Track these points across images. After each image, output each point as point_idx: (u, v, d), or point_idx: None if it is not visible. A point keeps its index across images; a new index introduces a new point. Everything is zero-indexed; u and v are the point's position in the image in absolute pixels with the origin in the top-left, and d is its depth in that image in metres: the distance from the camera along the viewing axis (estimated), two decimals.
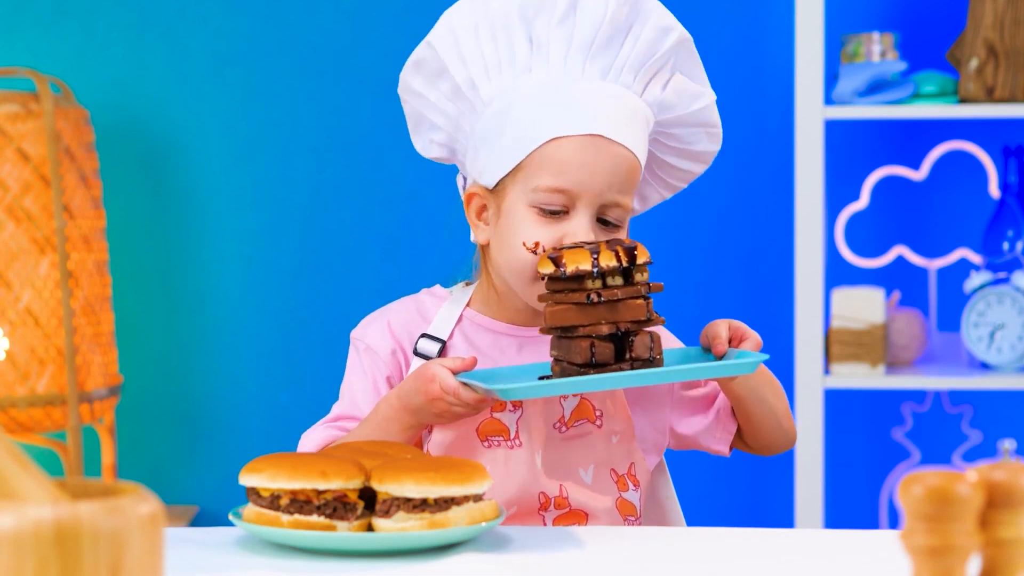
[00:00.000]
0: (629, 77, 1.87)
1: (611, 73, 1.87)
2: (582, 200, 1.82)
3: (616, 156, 1.83)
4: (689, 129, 1.94)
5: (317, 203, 3.38)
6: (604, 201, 1.83)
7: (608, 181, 1.83)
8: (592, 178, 1.82)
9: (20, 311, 3.00)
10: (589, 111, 1.84)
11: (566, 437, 1.86)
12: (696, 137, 1.95)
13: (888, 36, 3.15)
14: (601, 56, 1.86)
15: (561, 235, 1.82)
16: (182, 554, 1.58)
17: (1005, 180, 3.21)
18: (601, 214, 1.84)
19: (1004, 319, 3.12)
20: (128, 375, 3.37)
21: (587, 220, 1.82)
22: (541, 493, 1.84)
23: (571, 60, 1.86)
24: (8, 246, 3.00)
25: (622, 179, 1.84)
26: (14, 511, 0.99)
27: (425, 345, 1.90)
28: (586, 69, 1.86)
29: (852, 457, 3.37)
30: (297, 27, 3.39)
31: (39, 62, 3.34)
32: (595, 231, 1.83)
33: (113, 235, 3.34)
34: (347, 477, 1.58)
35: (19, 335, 3.00)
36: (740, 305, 3.37)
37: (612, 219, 1.85)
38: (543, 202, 1.83)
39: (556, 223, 1.83)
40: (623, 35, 1.87)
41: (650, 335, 1.72)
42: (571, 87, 1.85)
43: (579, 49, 1.86)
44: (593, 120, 1.83)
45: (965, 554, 1.07)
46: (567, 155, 1.83)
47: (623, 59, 1.87)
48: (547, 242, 1.82)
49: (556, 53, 1.86)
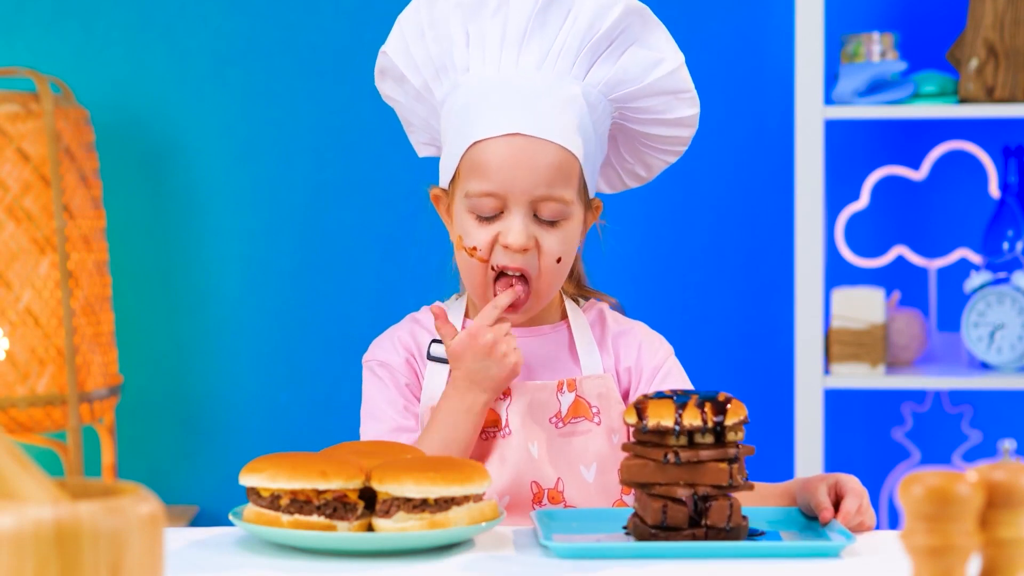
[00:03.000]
0: (567, 63, 1.85)
1: (547, 61, 1.85)
2: (511, 201, 1.84)
3: (539, 153, 1.83)
4: (656, 99, 1.90)
5: (317, 203, 3.38)
6: (535, 198, 1.83)
7: (533, 180, 1.83)
8: (516, 179, 1.83)
9: (20, 311, 3.00)
10: (508, 110, 1.83)
11: (564, 433, 1.86)
12: (667, 105, 1.91)
13: (888, 36, 3.15)
14: (535, 45, 1.85)
15: (495, 235, 1.84)
16: (182, 554, 1.58)
17: (1005, 180, 3.21)
18: (536, 211, 1.84)
19: (1004, 319, 3.12)
20: (128, 375, 3.37)
21: (520, 220, 1.83)
22: (534, 482, 1.84)
23: (505, 53, 1.86)
24: (8, 246, 3.00)
25: (550, 175, 1.83)
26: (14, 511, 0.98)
27: (438, 349, 1.91)
28: (520, 61, 1.85)
29: (852, 457, 3.37)
30: (297, 27, 3.39)
31: (39, 62, 3.34)
32: (530, 229, 1.84)
33: (113, 235, 3.34)
34: (347, 477, 1.58)
35: (19, 335, 3.00)
36: (740, 305, 3.37)
37: (548, 215, 1.84)
38: (475, 206, 1.85)
39: (491, 224, 1.85)
40: (560, 20, 1.85)
41: (730, 502, 1.61)
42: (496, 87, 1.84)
43: (512, 42, 1.85)
44: (512, 119, 1.83)
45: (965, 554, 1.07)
46: (488, 158, 1.84)
47: (559, 45, 1.85)
48: (483, 244, 1.84)
49: (491, 48, 1.86)
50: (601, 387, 1.88)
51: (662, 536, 1.60)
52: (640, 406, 1.61)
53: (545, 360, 1.92)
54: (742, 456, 1.62)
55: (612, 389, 1.89)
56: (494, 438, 1.86)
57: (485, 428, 1.86)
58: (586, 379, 1.89)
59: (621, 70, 1.87)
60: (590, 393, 1.88)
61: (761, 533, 1.66)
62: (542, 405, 1.86)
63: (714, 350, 3.36)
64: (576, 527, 1.70)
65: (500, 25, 1.85)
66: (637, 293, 3.36)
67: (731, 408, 1.61)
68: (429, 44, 1.89)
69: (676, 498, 1.60)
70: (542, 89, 1.84)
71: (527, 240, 1.83)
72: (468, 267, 1.87)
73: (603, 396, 1.88)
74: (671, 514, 1.60)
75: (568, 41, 1.85)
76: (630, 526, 1.65)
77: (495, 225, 1.85)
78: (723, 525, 1.60)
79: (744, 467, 1.62)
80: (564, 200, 1.84)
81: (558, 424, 1.87)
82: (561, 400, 1.87)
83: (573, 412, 1.87)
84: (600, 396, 1.88)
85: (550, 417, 1.87)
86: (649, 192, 3.36)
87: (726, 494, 1.61)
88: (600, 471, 1.86)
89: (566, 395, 1.87)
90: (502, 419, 1.86)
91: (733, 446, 1.61)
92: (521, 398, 1.86)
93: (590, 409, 1.88)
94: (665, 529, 1.61)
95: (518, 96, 1.84)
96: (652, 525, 1.61)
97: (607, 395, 1.88)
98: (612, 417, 1.88)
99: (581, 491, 1.85)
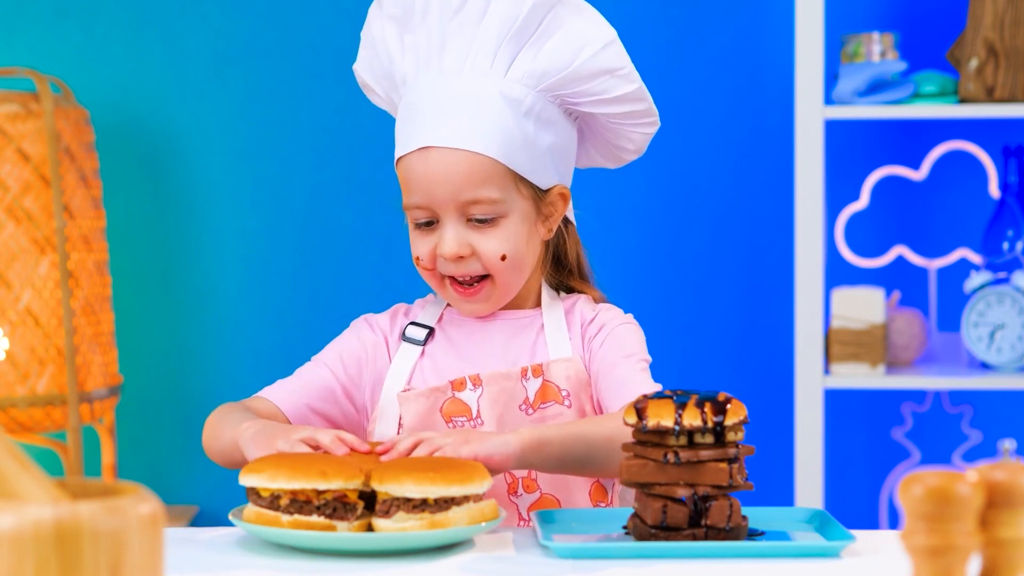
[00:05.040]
0: (486, 62, 1.86)
1: (467, 63, 1.87)
2: (439, 210, 1.88)
3: (451, 162, 1.85)
4: (591, 81, 1.88)
5: (317, 203, 3.38)
6: (460, 203, 1.86)
7: (452, 188, 1.86)
8: (435, 190, 1.86)
9: (20, 311, 3.00)
10: (421, 125, 1.87)
11: (534, 419, 1.87)
12: (605, 85, 1.89)
13: (888, 36, 3.15)
14: (455, 48, 1.87)
15: (434, 245, 1.89)
16: (182, 554, 1.58)
17: (1005, 180, 3.21)
18: (468, 215, 1.87)
19: (1004, 319, 3.12)
20: (128, 375, 3.37)
21: (451, 230, 1.87)
22: (508, 473, 1.84)
23: (432, 60, 1.88)
24: (8, 246, 3.00)
25: (466, 179, 1.85)
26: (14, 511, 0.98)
27: (413, 331, 1.95)
28: (444, 66, 1.88)
29: (852, 457, 3.37)
30: (297, 27, 3.39)
31: (39, 62, 3.34)
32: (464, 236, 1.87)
33: (113, 235, 3.34)
34: (347, 477, 1.58)
35: (19, 335, 3.00)
36: (740, 305, 3.37)
37: (481, 216, 1.87)
38: (413, 218, 1.91)
39: (431, 233, 1.90)
40: (476, 19, 1.86)
41: (730, 502, 1.61)
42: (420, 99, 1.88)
43: (435, 48, 1.88)
44: (422, 133, 1.87)
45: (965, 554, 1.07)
46: (410, 173, 1.89)
47: (478, 45, 1.86)
48: (425, 254, 1.90)
49: (421, 56, 1.89)
50: (569, 370, 1.88)
51: (662, 536, 1.60)
52: (640, 406, 1.61)
53: (517, 344, 1.93)
54: (742, 456, 1.62)
55: (581, 371, 1.89)
56: (463, 427, 1.86)
57: (454, 417, 1.87)
58: (554, 363, 1.89)
59: (545, 59, 1.86)
60: (558, 376, 1.88)
61: (761, 533, 1.66)
62: (510, 393, 1.87)
63: (714, 350, 3.36)
64: (576, 527, 1.70)
65: (425, 33, 1.88)
66: (637, 293, 3.36)
67: (731, 408, 1.60)
68: (381, 59, 1.94)
69: (676, 498, 1.60)
70: (458, 95, 1.86)
71: (459, 248, 1.87)
72: (422, 275, 1.95)
73: (572, 379, 1.88)
74: (671, 514, 1.60)
75: (485, 39, 1.86)
76: (630, 526, 1.65)
77: (434, 235, 1.90)
78: (723, 525, 1.60)
79: (744, 467, 1.62)
80: (491, 200, 1.86)
81: (528, 411, 1.87)
82: (527, 386, 1.87)
83: (542, 397, 1.88)
84: (569, 379, 1.88)
85: (519, 404, 1.87)
86: (649, 192, 3.37)
87: (726, 494, 1.61)
88: None
89: (531, 381, 1.88)
90: (473, 410, 1.87)
91: (733, 446, 1.61)
92: (490, 387, 1.87)
93: (560, 392, 1.88)
94: (665, 529, 1.60)
95: (434, 107, 1.87)
96: (652, 525, 1.61)
97: (576, 377, 1.88)
98: (583, 399, 1.88)
99: (556, 477, 1.85)
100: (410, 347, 1.94)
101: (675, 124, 3.33)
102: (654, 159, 3.36)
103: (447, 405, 1.87)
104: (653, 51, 3.35)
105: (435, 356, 1.93)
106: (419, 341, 1.94)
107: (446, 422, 1.86)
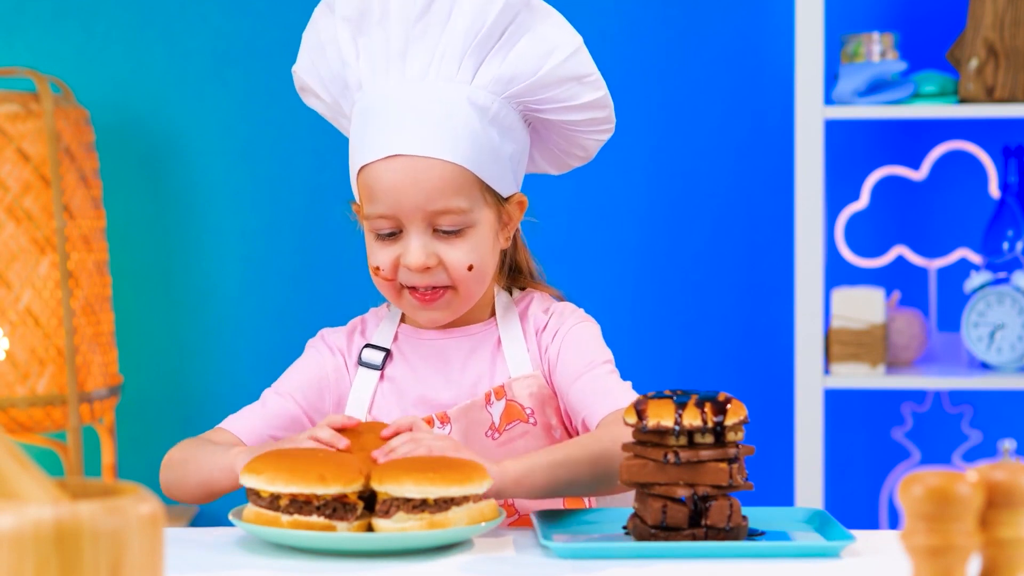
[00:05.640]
0: (451, 68, 1.82)
1: (431, 69, 1.82)
2: (405, 220, 1.82)
3: (421, 170, 1.80)
4: (558, 88, 1.84)
5: (317, 203, 3.38)
6: (428, 213, 1.81)
7: (421, 198, 1.80)
8: (403, 199, 1.81)
9: (20, 311, 3.00)
10: (389, 132, 1.81)
11: (502, 443, 1.84)
12: (572, 92, 1.85)
13: (888, 36, 3.15)
14: (418, 54, 1.82)
15: (397, 256, 1.84)
16: (182, 554, 1.58)
17: (1005, 180, 3.21)
18: (435, 225, 1.82)
19: (1004, 319, 3.12)
20: (128, 375, 3.37)
21: (417, 240, 1.82)
22: None
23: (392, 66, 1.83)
24: (8, 246, 3.00)
25: (437, 190, 1.80)
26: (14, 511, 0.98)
27: (370, 354, 1.92)
28: (406, 72, 1.82)
29: (852, 457, 3.37)
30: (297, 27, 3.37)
31: (39, 62, 3.34)
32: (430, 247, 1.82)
33: (113, 235, 3.34)
34: (346, 482, 1.58)
35: (19, 335, 3.00)
36: (740, 305, 3.37)
37: (447, 227, 1.82)
38: (375, 228, 1.85)
39: (393, 244, 1.85)
40: (440, 24, 1.82)
41: (730, 502, 1.60)
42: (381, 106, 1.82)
43: (396, 53, 1.82)
44: (392, 141, 1.81)
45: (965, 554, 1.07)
46: (374, 182, 1.83)
47: (442, 50, 1.81)
48: (386, 265, 1.84)
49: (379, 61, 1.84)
50: (532, 386, 1.86)
51: (662, 536, 1.60)
52: (640, 406, 1.61)
53: (475, 361, 1.90)
54: (742, 456, 1.61)
55: (543, 386, 1.86)
56: None
57: None
58: (515, 381, 1.86)
59: (512, 65, 1.82)
60: (520, 395, 1.85)
61: (761, 533, 1.66)
62: (476, 423, 1.84)
63: (714, 350, 3.36)
64: (576, 527, 1.70)
65: (383, 37, 1.83)
66: (637, 293, 3.36)
67: (731, 408, 1.60)
68: (330, 61, 1.89)
69: (676, 498, 1.60)
70: (425, 102, 1.81)
71: (426, 259, 1.82)
72: (378, 285, 1.88)
73: (535, 395, 1.86)
74: (671, 514, 1.59)
75: (450, 45, 1.81)
76: (630, 526, 1.65)
77: (397, 245, 1.84)
78: (723, 525, 1.60)
79: (744, 467, 1.62)
80: (460, 210, 1.81)
81: (494, 435, 1.85)
82: (492, 411, 1.85)
83: (507, 418, 1.85)
84: (532, 396, 1.86)
85: (485, 431, 1.84)
86: (649, 192, 3.37)
87: (726, 494, 1.61)
88: None
89: (495, 405, 1.85)
90: None
91: (733, 446, 1.61)
92: (458, 423, 1.84)
93: (524, 411, 1.85)
94: (665, 529, 1.60)
95: (399, 114, 1.81)
96: (652, 525, 1.60)
97: (539, 393, 1.86)
98: (548, 414, 1.86)
99: None
100: (368, 372, 1.91)
101: (675, 124, 3.33)
102: (654, 159, 3.36)
103: None
104: (653, 51, 3.35)
105: (395, 379, 1.90)
106: (376, 365, 1.90)
107: None
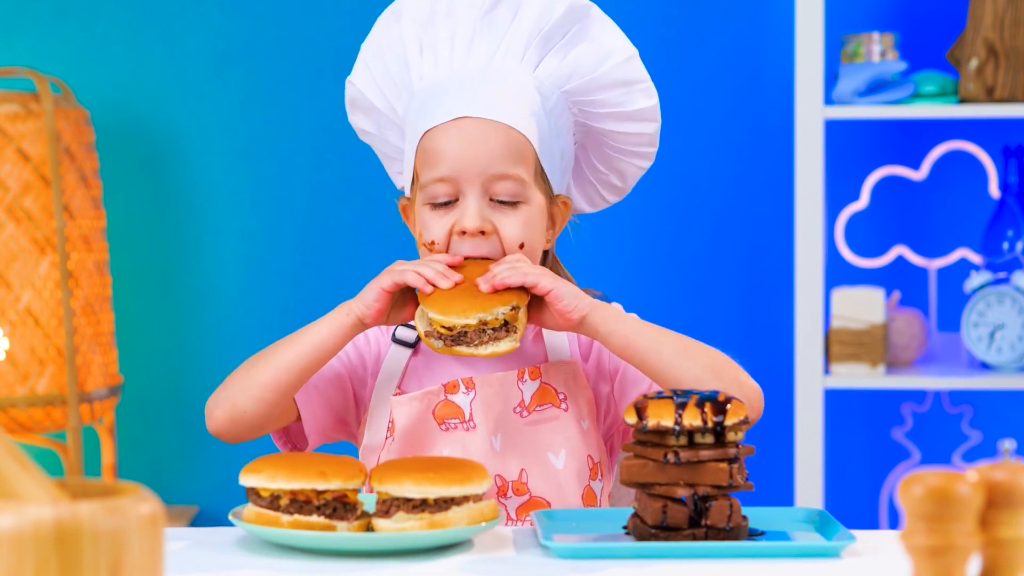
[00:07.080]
0: (516, 57, 1.87)
1: (498, 52, 1.87)
2: (465, 183, 1.84)
3: (488, 132, 1.84)
4: (611, 91, 1.91)
5: (317, 203, 3.38)
6: (488, 177, 1.84)
7: (484, 158, 1.83)
8: (466, 159, 1.83)
9: (20, 311, 3.00)
10: (456, 98, 1.85)
11: (530, 422, 1.86)
12: (623, 97, 1.91)
13: (888, 36, 3.15)
14: (483, 44, 1.87)
15: (452, 223, 1.85)
16: (182, 554, 1.58)
17: (1005, 180, 3.21)
18: (492, 194, 1.84)
19: (1004, 319, 3.12)
20: (128, 375, 3.37)
21: (474, 203, 1.84)
22: (498, 476, 1.84)
23: (456, 54, 1.88)
24: (8, 246, 3.00)
25: (501, 151, 1.84)
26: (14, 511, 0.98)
27: (404, 332, 1.94)
28: (470, 59, 1.87)
29: (852, 457, 3.37)
30: (297, 27, 3.39)
31: (39, 62, 3.34)
32: (486, 213, 1.84)
33: (113, 235, 3.34)
34: (347, 477, 1.59)
35: (19, 335, 3.00)
36: (740, 305, 3.37)
37: (505, 196, 1.84)
38: (431, 196, 1.86)
39: (448, 213, 1.86)
40: (508, 19, 1.88)
41: (730, 502, 1.60)
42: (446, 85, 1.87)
43: (462, 43, 1.88)
44: (459, 105, 1.85)
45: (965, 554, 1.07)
46: (438, 144, 1.85)
47: (508, 41, 1.87)
48: (440, 235, 1.85)
49: (442, 52, 1.88)
50: (567, 372, 1.88)
51: (662, 536, 1.60)
52: (640, 406, 1.61)
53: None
54: (742, 456, 1.61)
55: (579, 374, 1.89)
56: (456, 429, 1.86)
57: (447, 419, 1.86)
58: (552, 365, 1.88)
59: (571, 63, 1.89)
60: (556, 379, 1.87)
61: (761, 533, 1.66)
62: (504, 396, 1.86)
63: None
64: (576, 527, 1.70)
65: (449, 29, 1.88)
66: (637, 293, 3.36)
67: (731, 408, 1.60)
68: (388, 63, 1.92)
69: (676, 498, 1.60)
70: (491, 78, 1.86)
71: (482, 222, 1.84)
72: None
73: (569, 382, 1.88)
74: (671, 514, 1.59)
75: (516, 37, 1.87)
76: (630, 526, 1.65)
77: (451, 214, 1.86)
78: (723, 525, 1.60)
79: (744, 467, 1.62)
80: (519, 178, 1.84)
81: (523, 413, 1.86)
82: (523, 389, 1.86)
83: (539, 399, 1.87)
84: (566, 382, 1.88)
85: (514, 407, 1.86)
86: (649, 192, 3.37)
87: (726, 494, 1.61)
88: (570, 457, 1.86)
89: (528, 384, 1.87)
90: (465, 412, 1.86)
91: (733, 446, 1.61)
92: (483, 390, 1.86)
93: (557, 395, 1.87)
94: (665, 529, 1.60)
95: (464, 84, 1.86)
96: (652, 525, 1.60)
97: (574, 380, 1.88)
98: (580, 403, 1.88)
99: (548, 480, 1.85)
100: (401, 348, 1.93)
101: (675, 124, 3.33)
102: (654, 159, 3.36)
103: (439, 408, 1.86)
104: (653, 51, 3.35)
105: (429, 353, 1.92)
106: (410, 344, 1.92)
107: (439, 424, 1.86)
